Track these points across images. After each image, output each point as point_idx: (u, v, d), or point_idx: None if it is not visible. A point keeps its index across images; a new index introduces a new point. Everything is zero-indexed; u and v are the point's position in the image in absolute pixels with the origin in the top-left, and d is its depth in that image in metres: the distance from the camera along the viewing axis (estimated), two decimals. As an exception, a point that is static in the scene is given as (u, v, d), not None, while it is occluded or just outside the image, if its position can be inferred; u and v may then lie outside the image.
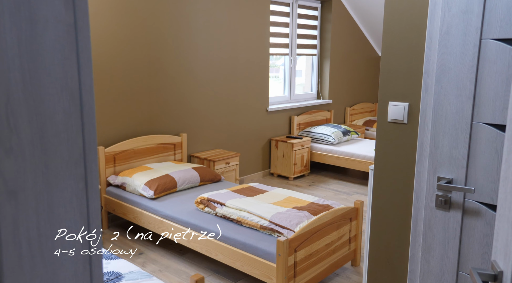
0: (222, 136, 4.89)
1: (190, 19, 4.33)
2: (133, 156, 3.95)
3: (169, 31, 4.16)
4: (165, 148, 4.21)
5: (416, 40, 1.65)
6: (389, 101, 1.74)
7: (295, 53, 5.85)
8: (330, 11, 6.11)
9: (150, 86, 4.10)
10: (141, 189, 3.51)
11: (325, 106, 6.33)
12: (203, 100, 4.61)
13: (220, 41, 4.66)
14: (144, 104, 4.08)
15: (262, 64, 5.22)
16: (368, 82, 7.13)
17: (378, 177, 1.83)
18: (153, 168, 3.83)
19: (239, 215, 2.96)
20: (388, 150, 1.77)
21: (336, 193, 4.91)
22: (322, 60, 6.28)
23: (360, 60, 6.86)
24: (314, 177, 5.55)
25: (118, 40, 3.79)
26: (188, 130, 4.51)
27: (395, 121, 1.74)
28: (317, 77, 6.34)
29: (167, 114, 4.28)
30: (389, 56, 1.72)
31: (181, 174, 3.71)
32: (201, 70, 4.53)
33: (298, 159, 5.38)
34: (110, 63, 3.76)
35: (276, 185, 5.19)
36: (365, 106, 7.08)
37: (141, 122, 4.08)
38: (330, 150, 5.45)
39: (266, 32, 5.18)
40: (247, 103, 5.12)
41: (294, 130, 5.73)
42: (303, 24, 5.90)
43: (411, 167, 1.73)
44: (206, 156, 4.47)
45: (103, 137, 3.79)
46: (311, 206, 3.07)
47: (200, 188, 3.77)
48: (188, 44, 4.35)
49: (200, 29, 4.44)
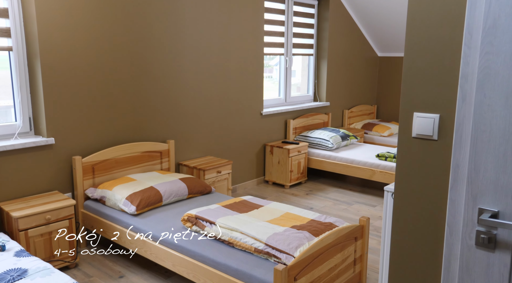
0: (213, 142, 4.54)
1: (177, 16, 3.97)
2: (115, 166, 3.59)
3: (154, 29, 3.81)
4: (151, 156, 3.85)
5: (450, 35, 1.31)
6: (414, 112, 1.41)
7: (291, 53, 5.51)
8: (327, 9, 5.78)
9: (133, 89, 3.74)
10: (122, 204, 3.15)
11: (323, 109, 6.00)
12: (193, 104, 4.26)
13: (210, 40, 4.31)
14: (127, 109, 3.72)
15: (256, 65, 4.87)
16: (366, 83, 6.81)
17: (400, 204, 1.49)
18: (136, 179, 3.47)
19: (231, 235, 2.61)
20: (412, 171, 1.43)
21: (335, 203, 4.58)
22: (319, 60, 5.95)
23: (359, 61, 6.53)
24: (312, 185, 5.22)
25: (97, 38, 3.42)
26: (176, 136, 4.15)
27: (421, 136, 1.40)
28: (314, 79, 6.00)
29: (152, 119, 3.92)
30: (415, 56, 1.38)
31: (167, 186, 3.35)
32: (190, 71, 4.17)
33: (294, 166, 5.04)
34: (88, 63, 3.40)
35: (272, 193, 4.84)
36: (363, 108, 6.76)
37: (124, 128, 3.72)
38: (329, 155, 5.12)
39: (260, 31, 4.84)
40: (240, 106, 4.77)
41: (290, 135, 5.39)
42: (299, 23, 5.57)
43: (443, 194, 1.39)
44: (196, 164, 4.11)
45: (80, 146, 3.43)
46: (312, 224, 2.72)
47: (188, 201, 3.41)
48: (175, 43, 4.00)
49: (188, 27, 4.09)
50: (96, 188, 3.39)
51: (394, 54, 6.81)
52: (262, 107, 5.04)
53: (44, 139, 3.19)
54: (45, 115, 3.20)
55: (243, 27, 4.63)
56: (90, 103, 3.44)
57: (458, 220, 1.34)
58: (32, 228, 2.87)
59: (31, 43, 3.15)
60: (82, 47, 3.33)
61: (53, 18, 3.15)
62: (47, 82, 3.17)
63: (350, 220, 4.08)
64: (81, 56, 3.34)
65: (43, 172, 3.24)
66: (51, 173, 3.28)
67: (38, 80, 3.17)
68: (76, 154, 3.40)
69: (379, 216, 4.22)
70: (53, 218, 2.95)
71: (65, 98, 3.29)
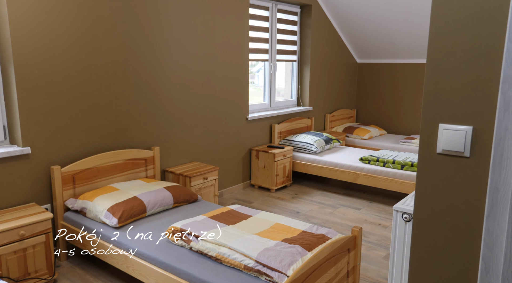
0: (199, 148, 4.17)
1: (162, 20, 3.59)
2: (97, 175, 3.18)
3: (138, 33, 3.41)
4: (135, 163, 3.46)
5: (488, 29, 0.98)
6: (440, 124, 1.07)
7: (275, 59, 5.17)
8: (310, 17, 5.46)
9: (116, 95, 3.34)
10: (103, 216, 2.75)
11: (306, 113, 5.68)
12: (178, 110, 3.88)
13: (196, 45, 3.94)
14: (109, 115, 3.31)
15: (241, 71, 4.51)
16: (346, 88, 6.52)
17: (421, 231, 1.15)
18: (119, 188, 3.08)
19: (218, 251, 2.24)
20: (437, 194, 1.10)
21: (321, 206, 4.26)
22: (302, 66, 5.63)
23: (339, 67, 6.24)
24: (297, 188, 4.88)
25: (77, 41, 3.02)
26: (161, 143, 3.76)
27: (449, 153, 1.07)
28: (297, 84, 5.67)
29: (136, 126, 3.53)
30: (441, 56, 1.04)
31: (152, 196, 2.97)
32: (175, 76, 3.79)
33: (280, 170, 4.70)
34: (66, 68, 2.99)
35: (258, 198, 4.49)
36: (344, 112, 6.47)
37: (106, 135, 3.31)
38: (313, 159, 4.79)
39: (245, 37, 4.49)
40: (226, 112, 4.41)
41: (275, 139, 5.04)
42: (283, 29, 5.23)
43: (477, 223, 1.06)
44: (182, 171, 3.73)
45: (59, 155, 3.01)
46: (303, 237, 2.38)
47: (174, 210, 3.03)
48: (160, 48, 3.61)
49: (173, 32, 3.70)
50: (76, 199, 2.98)
51: (372, 61, 6.55)
52: (248, 113, 4.69)
53: (19, 148, 2.77)
54: (20, 123, 2.78)
55: (228, 33, 4.27)
56: (69, 109, 3.03)
57: (497, 254, 1.02)
58: (4, 245, 2.45)
59: (3, 47, 2.73)
60: (60, 51, 2.93)
61: (27, 21, 2.73)
62: (22, 88, 2.76)
63: (337, 225, 3.76)
64: (59, 61, 2.93)
65: (18, 183, 2.82)
66: (27, 184, 2.87)
67: (12, 86, 2.75)
68: (54, 163, 2.99)
69: (365, 220, 3.91)
70: (27, 234, 2.54)
71: (42, 105, 2.88)
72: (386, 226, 3.75)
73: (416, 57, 6.05)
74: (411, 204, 1.79)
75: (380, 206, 4.28)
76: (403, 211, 1.81)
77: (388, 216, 4.02)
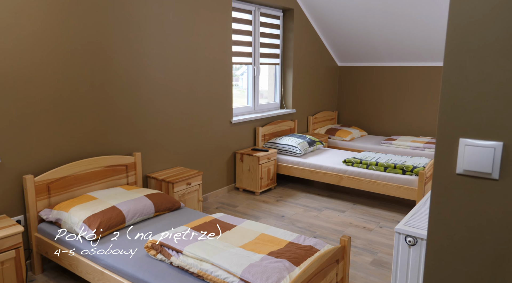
0: (183, 152, 3.88)
1: (143, 23, 3.30)
2: (74, 183, 2.88)
3: (117, 36, 3.12)
4: (115, 170, 3.16)
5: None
6: (461, 139, 0.84)
7: (258, 62, 4.93)
8: (292, 20, 5.22)
9: (94, 99, 3.04)
10: (78, 228, 2.45)
11: (289, 116, 5.45)
12: (160, 114, 3.59)
13: (178, 48, 3.66)
14: (87, 121, 3.01)
15: (225, 74, 4.25)
16: (328, 91, 6.32)
17: (437, 264, 0.92)
18: (97, 197, 2.78)
19: (200, 267, 1.98)
20: (456, 222, 0.87)
21: (305, 209, 4.03)
22: (285, 69, 5.39)
23: (321, 70, 6.03)
24: (281, 190, 4.65)
25: (51, 44, 2.71)
26: (142, 148, 3.47)
27: (473, 174, 0.83)
28: (281, 87, 5.44)
29: (116, 131, 3.23)
30: (461, 54, 0.81)
31: (131, 205, 2.68)
32: (156, 80, 3.50)
33: (264, 173, 4.46)
34: (39, 71, 2.67)
35: (243, 201, 4.23)
36: (326, 114, 6.26)
37: (84, 142, 3.01)
38: (297, 162, 4.56)
39: (228, 40, 4.22)
40: (210, 115, 4.14)
41: (259, 142, 4.80)
42: (265, 33, 4.99)
43: (508, 256, 0.83)
44: (164, 177, 3.45)
45: (32, 164, 2.70)
46: (290, 249, 2.14)
47: (155, 220, 2.75)
48: (140, 51, 3.32)
49: (154, 35, 3.41)
50: (51, 209, 2.68)
51: (352, 64, 6.36)
52: (232, 116, 4.43)
53: (-13, 158, 2.45)
54: (-13, 131, 2.46)
55: (211, 37, 4.00)
56: (43, 115, 2.72)
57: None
58: (-32, 264, 2.14)
59: (-32, 49, 2.41)
60: (32, 54, 2.61)
61: (-6, 21, 2.41)
62: (-11, 94, 2.43)
63: (322, 229, 3.54)
64: (31, 64, 2.61)
65: (-13, 195, 2.50)
66: (-3, 195, 2.55)
67: (-22, 92, 2.43)
68: (27, 172, 2.67)
69: (350, 223, 3.69)
70: (-6, 250, 2.23)
71: (13, 111, 2.56)
72: (371, 229, 3.55)
73: (396, 60, 5.88)
74: (414, 224, 1.52)
75: (363, 208, 4.08)
76: (407, 233, 1.53)
77: (372, 218, 3.81)
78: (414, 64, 5.80)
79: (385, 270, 2.83)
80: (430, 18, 4.76)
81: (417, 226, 1.37)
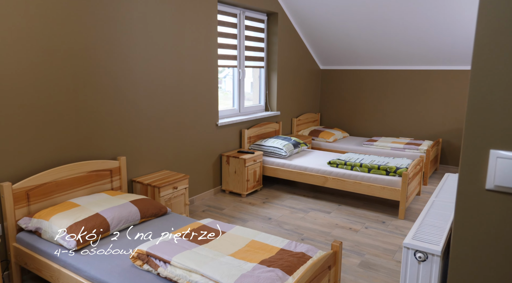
0: (169, 155, 3.70)
1: (127, 25, 3.10)
2: (55, 190, 2.67)
3: (100, 37, 2.91)
4: (99, 175, 2.96)
5: None
6: (492, 150, 0.71)
7: (244, 65, 4.78)
8: (276, 24, 5.10)
9: (76, 103, 2.83)
10: (60, 238, 2.25)
11: (274, 118, 5.32)
12: (145, 117, 3.40)
13: (163, 50, 3.47)
14: (69, 125, 2.80)
15: (210, 77, 4.08)
16: (311, 93, 6.23)
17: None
18: (80, 204, 2.58)
19: (189, 279, 1.82)
20: (485, 242, 0.74)
21: (292, 211, 3.91)
22: (270, 72, 5.26)
23: (304, 73, 5.93)
24: (267, 192, 4.51)
25: (31, 46, 2.49)
26: (127, 152, 3.28)
27: (506, 190, 0.71)
28: (265, 90, 5.31)
29: (101, 135, 3.03)
30: (493, 55, 0.68)
31: (116, 212, 2.49)
32: (141, 83, 3.31)
33: (250, 175, 4.32)
34: (19, 74, 2.45)
35: (229, 203, 4.08)
36: (309, 116, 6.17)
37: (66, 147, 2.80)
38: (283, 163, 4.44)
39: (214, 43, 4.06)
40: (196, 118, 3.97)
41: (245, 144, 4.65)
42: (250, 36, 4.85)
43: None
44: (150, 181, 3.26)
45: (10, 170, 2.48)
46: (283, 257, 2.00)
47: (141, 226, 2.57)
48: (125, 53, 3.12)
49: (139, 37, 3.22)
50: (31, 218, 2.46)
51: (334, 67, 6.29)
52: (218, 118, 4.27)
53: (-40, 165, 2.22)
54: (-40, 137, 2.23)
55: (197, 39, 3.83)
56: (21, 119, 2.50)
57: None
58: None
59: None
60: (10, 55, 2.39)
61: (-33, 20, 2.19)
62: (-39, 97, 2.21)
63: (310, 231, 3.42)
64: (8, 66, 2.39)
65: (-40, 204, 2.27)
66: (-28, 203, 2.32)
67: (-50, 95, 2.20)
68: (4, 179, 2.45)
69: (336, 224, 3.59)
70: (-33, 264, 2.01)
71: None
72: (357, 230, 3.45)
73: (375, 64, 5.84)
74: (423, 238, 1.38)
75: (348, 209, 3.99)
76: (416, 248, 1.35)
77: (357, 219, 3.72)
78: (392, 67, 5.77)
79: (373, 272, 2.73)
80: (408, 23, 4.72)
81: (426, 239, 1.23)
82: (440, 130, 5.56)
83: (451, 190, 1.36)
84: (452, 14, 4.40)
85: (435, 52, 5.14)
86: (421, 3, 4.37)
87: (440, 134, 5.57)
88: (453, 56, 5.11)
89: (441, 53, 5.12)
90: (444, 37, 4.78)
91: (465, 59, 5.09)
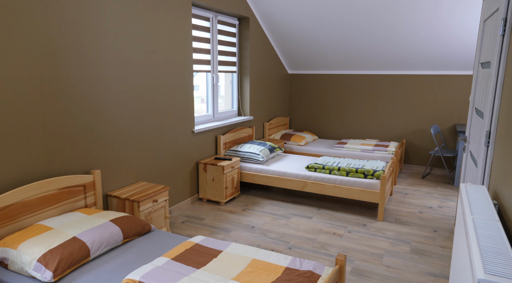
0: (145, 165, 3.37)
1: (99, 28, 2.75)
2: (22, 212, 2.27)
3: (69, 41, 2.54)
4: (72, 192, 2.58)
5: None
6: None
7: (217, 70, 4.53)
8: (247, 29, 4.90)
9: (44, 113, 2.44)
10: (32, 269, 1.89)
11: (247, 123, 5.11)
12: (119, 127, 3.05)
13: (136, 56, 3.14)
14: (36, 138, 2.41)
15: (185, 83, 3.79)
16: (280, 97, 6.09)
17: None
18: (52, 227, 2.21)
19: (193, 312, 1.57)
20: None
21: (274, 218, 3.72)
22: (242, 77, 5.05)
23: (274, 77, 5.78)
24: (245, 198, 4.29)
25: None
26: (102, 165, 2.92)
27: None
28: (238, 94, 5.09)
29: (72, 148, 2.65)
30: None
31: (96, 234, 2.16)
32: (114, 90, 2.97)
33: (229, 182, 4.08)
34: (-26, 82, 2.05)
35: (208, 212, 3.81)
36: (279, 120, 6.03)
37: (33, 163, 2.40)
38: (260, 169, 4.25)
39: (189, 47, 3.77)
40: (172, 126, 3.66)
41: (221, 150, 4.40)
42: (223, 41, 4.60)
43: None
44: (128, 195, 2.92)
45: (-33, 193, 2.06)
46: (290, 277, 1.80)
47: (124, 248, 2.25)
48: (96, 60, 2.77)
49: (112, 42, 2.88)
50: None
51: (301, 72, 6.21)
52: (194, 125, 3.98)
53: None
54: None
55: (171, 43, 3.52)
56: (-20, 134, 2.09)
57: None
58: None
59: None
60: (-37, 60, 1.98)
61: None
62: None
63: (295, 239, 3.25)
64: (-38, 72, 1.99)
65: None
66: None
67: None
68: (-40, 204, 2.03)
69: (319, 229, 3.45)
70: None
71: None
72: (341, 235, 3.34)
73: (341, 69, 5.82)
74: (498, 270, 0.91)
75: (328, 213, 3.88)
76: None
77: (339, 223, 3.61)
78: (358, 72, 5.78)
79: (366, 279, 2.61)
80: (373, 29, 4.72)
81: (505, 274, 0.93)
82: (403, 132, 5.65)
83: (483, 204, 1.24)
84: (413, 21, 4.44)
85: (398, 58, 5.20)
86: (385, 10, 4.37)
87: (403, 135, 5.66)
88: (415, 62, 5.20)
89: (404, 59, 5.18)
90: (406, 44, 4.84)
91: (427, 65, 5.19)
